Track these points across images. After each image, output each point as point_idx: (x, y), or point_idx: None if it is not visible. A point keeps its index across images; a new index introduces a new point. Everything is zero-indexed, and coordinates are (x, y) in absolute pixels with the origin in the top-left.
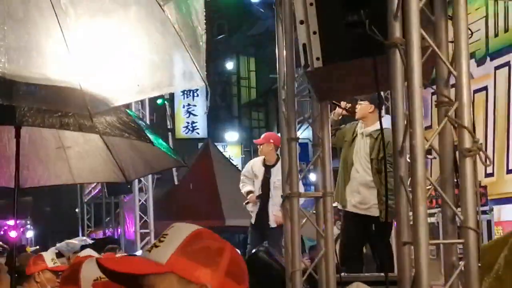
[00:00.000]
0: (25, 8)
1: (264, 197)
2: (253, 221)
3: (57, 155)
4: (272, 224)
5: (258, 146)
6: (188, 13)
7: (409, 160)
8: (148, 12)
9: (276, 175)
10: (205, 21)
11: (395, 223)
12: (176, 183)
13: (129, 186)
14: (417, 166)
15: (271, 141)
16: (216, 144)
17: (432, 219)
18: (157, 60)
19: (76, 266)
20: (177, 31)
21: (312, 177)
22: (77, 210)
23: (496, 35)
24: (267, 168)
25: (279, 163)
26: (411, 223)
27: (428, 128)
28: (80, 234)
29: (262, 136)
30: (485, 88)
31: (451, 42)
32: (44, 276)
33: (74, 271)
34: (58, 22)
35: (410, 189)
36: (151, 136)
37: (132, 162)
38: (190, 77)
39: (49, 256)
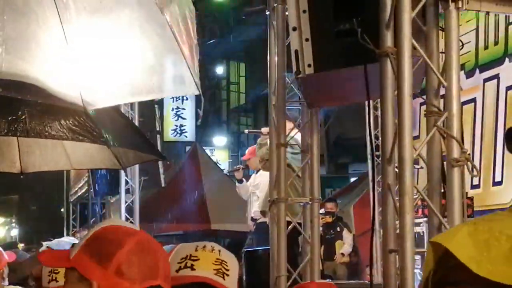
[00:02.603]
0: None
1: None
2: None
3: (54, 142)
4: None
5: (247, 162)
6: (183, 20)
7: (397, 170)
8: (148, 14)
9: (255, 179)
10: (196, 29)
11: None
12: (163, 185)
13: (115, 187)
14: (405, 175)
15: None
16: (204, 148)
17: (418, 229)
18: (153, 64)
19: None
20: (175, 36)
21: None
22: (62, 209)
23: (486, 47)
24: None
25: (259, 172)
26: (398, 231)
27: (416, 138)
28: (65, 233)
29: (247, 151)
30: (474, 100)
31: (442, 53)
32: None
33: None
34: (58, 14)
35: (397, 198)
36: (110, 137)
37: (124, 150)
38: (184, 84)
39: None
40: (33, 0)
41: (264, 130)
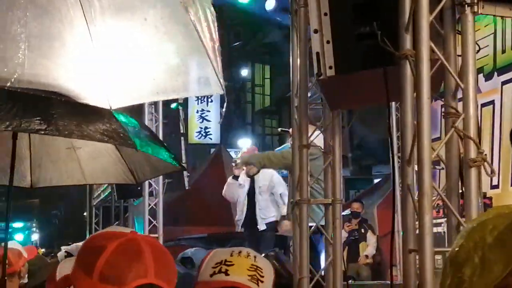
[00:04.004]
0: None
1: (251, 203)
2: (238, 229)
3: (68, 155)
4: (262, 227)
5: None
6: (205, 21)
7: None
8: (172, 13)
9: (260, 181)
10: (217, 30)
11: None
12: (187, 188)
13: (139, 188)
14: (424, 175)
15: (256, 151)
16: (228, 150)
17: (439, 229)
18: (178, 63)
19: None
20: (200, 36)
21: None
22: (85, 213)
23: (503, 51)
24: (251, 177)
25: (261, 171)
26: (417, 231)
27: (438, 139)
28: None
29: (247, 149)
30: (492, 102)
31: (459, 55)
32: None
33: (54, 270)
34: (83, 12)
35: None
36: (137, 142)
37: (140, 164)
38: (208, 83)
39: (60, 258)
40: None
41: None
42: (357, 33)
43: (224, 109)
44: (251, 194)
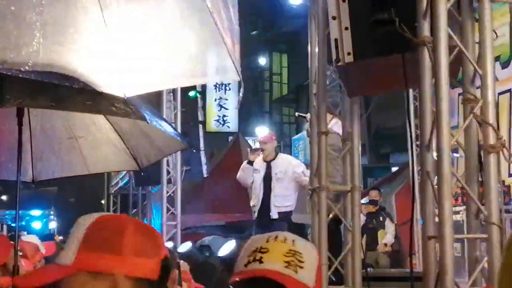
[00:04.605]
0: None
1: (266, 191)
2: (255, 216)
3: (69, 145)
4: (274, 215)
5: (262, 144)
6: (225, 6)
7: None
8: (189, 0)
9: (277, 168)
10: (238, 16)
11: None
12: (205, 175)
13: (157, 178)
14: (443, 162)
15: (274, 138)
16: (246, 138)
17: (457, 217)
18: (193, 49)
19: None
20: (216, 23)
21: None
22: (102, 201)
23: None
24: (268, 163)
25: (278, 157)
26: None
27: (455, 128)
28: None
29: (264, 136)
30: (509, 91)
31: (477, 43)
32: None
33: None
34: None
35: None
36: (147, 116)
37: (143, 149)
38: (225, 71)
39: None
40: None
41: (309, 116)
42: (375, 20)
43: (241, 95)
44: (267, 180)
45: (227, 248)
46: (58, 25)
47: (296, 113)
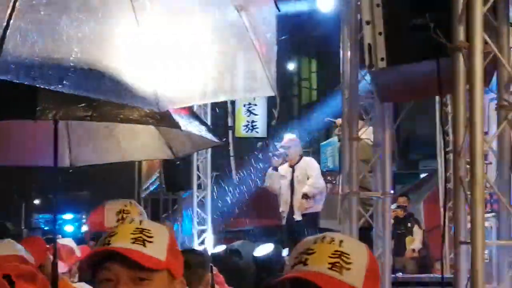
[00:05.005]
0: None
1: (290, 194)
2: (284, 221)
3: (106, 133)
4: (298, 217)
5: (285, 149)
6: (262, 21)
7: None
8: (224, 15)
9: (297, 170)
10: (276, 34)
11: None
12: (234, 180)
13: (187, 183)
14: (476, 168)
15: (297, 142)
16: (275, 143)
17: (486, 224)
18: (227, 64)
19: None
20: (252, 38)
21: None
22: None
23: None
24: (293, 167)
25: (301, 161)
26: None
27: (485, 134)
28: None
29: (287, 140)
30: None
31: None
32: None
33: None
34: (135, 16)
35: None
36: (181, 122)
37: (179, 139)
38: (258, 85)
39: None
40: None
41: (338, 121)
42: (410, 25)
43: (277, 110)
44: (292, 184)
45: (263, 250)
46: (96, 40)
47: (326, 118)
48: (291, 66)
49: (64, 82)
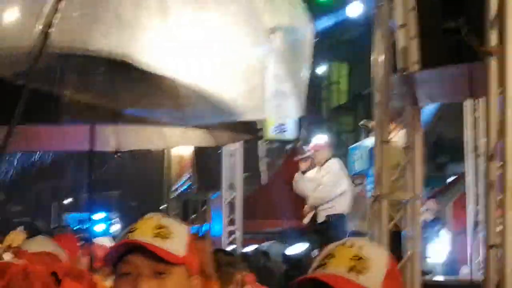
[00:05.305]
0: (134, 12)
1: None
2: (307, 222)
3: (149, 119)
4: (321, 219)
5: (314, 152)
6: (295, 45)
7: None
8: (254, 37)
9: (322, 172)
10: (311, 52)
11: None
12: (263, 182)
13: (217, 184)
14: (508, 171)
15: (327, 146)
16: (304, 146)
17: None
18: (256, 85)
19: None
20: (280, 60)
21: None
22: (162, 206)
23: None
24: (319, 169)
25: (326, 163)
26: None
27: None
28: None
29: (315, 144)
30: None
31: None
32: None
33: None
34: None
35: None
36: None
37: (219, 128)
38: (286, 106)
39: None
40: (143, 12)
41: (373, 124)
42: (444, 28)
43: (305, 129)
44: (318, 187)
45: (295, 249)
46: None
47: (360, 123)
48: (320, 69)
49: (92, 92)
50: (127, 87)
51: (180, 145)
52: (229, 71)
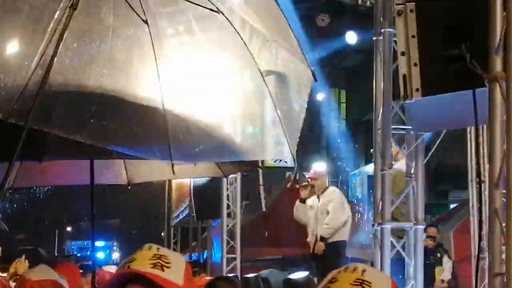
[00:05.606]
0: (127, 54)
1: (316, 224)
2: (311, 251)
3: None
4: (323, 246)
5: (312, 181)
6: (291, 87)
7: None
8: (246, 79)
9: (323, 199)
10: (307, 95)
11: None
12: (263, 210)
13: (217, 211)
14: None
15: (324, 173)
16: (304, 174)
17: None
18: (248, 127)
19: None
20: (274, 103)
21: None
22: (162, 234)
23: None
24: (318, 197)
25: (326, 190)
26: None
27: None
28: None
29: (314, 172)
30: None
31: None
32: None
33: None
34: (158, 75)
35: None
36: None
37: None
38: (280, 150)
39: None
40: (136, 55)
41: (394, 149)
42: (446, 55)
43: (293, 174)
44: (317, 214)
45: (296, 276)
46: (117, 97)
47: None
48: (319, 96)
49: (83, 132)
50: (119, 125)
51: (191, 177)
52: (227, 111)
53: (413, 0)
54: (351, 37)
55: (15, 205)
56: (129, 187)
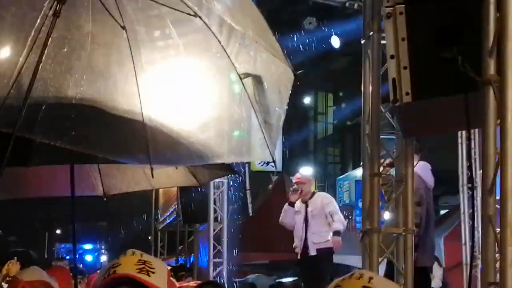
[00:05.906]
0: (106, 61)
1: (306, 229)
2: (299, 256)
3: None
4: (312, 252)
5: (299, 186)
6: (270, 90)
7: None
8: (225, 82)
9: (312, 205)
10: (288, 96)
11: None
12: (250, 214)
13: (204, 216)
14: (507, 206)
15: (310, 178)
16: (290, 178)
17: None
18: (227, 130)
19: None
20: (253, 105)
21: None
22: (150, 237)
23: None
24: (306, 203)
25: (314, 196)
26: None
27: None
28: None
29: (300, 176)
30: None
31: None
32: None
33: None
34: (136, 80)
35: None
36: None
37: (200, 168)
38: (260, 151)
39: None
40: (114, 64)
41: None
42: (437, 58)
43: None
44: (307, 220)
45: (284, 281)
46: (96, 103)
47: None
48: (307, 100)
49: (64, 138)
50: (99, 131)
51: (165, 186)
52: (205, 115)
53: (403, 2)
54: (335, 41)
55: (6, 206)
56: (104, 199)
